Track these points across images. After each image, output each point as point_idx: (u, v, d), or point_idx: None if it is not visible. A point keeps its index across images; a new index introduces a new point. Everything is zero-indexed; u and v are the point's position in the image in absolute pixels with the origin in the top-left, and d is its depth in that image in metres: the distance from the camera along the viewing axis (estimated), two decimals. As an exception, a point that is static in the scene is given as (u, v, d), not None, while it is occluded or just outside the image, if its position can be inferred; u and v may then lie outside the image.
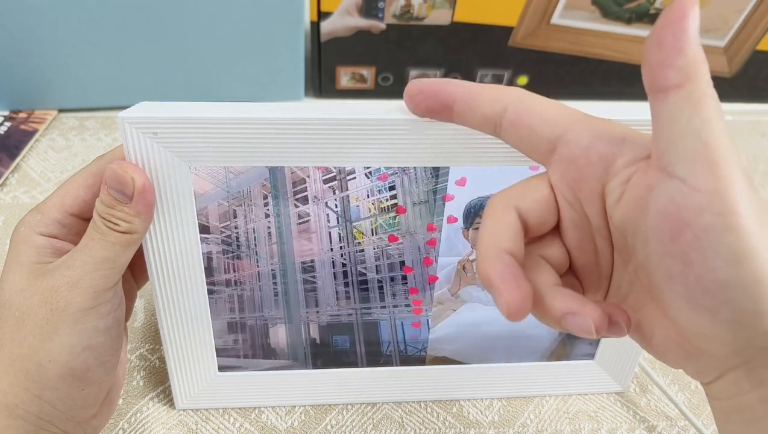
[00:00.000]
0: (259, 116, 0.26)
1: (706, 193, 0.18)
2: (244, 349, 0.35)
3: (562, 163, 0.21)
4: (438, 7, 0.56)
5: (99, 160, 0.29)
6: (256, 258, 0.32)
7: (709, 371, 0.21)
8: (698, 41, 0.18)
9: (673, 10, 0.18)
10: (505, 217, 0.21)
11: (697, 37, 0.18)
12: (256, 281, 0.33)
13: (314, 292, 0.33)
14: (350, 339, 0.35)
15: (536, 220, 0.22)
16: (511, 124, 0.22)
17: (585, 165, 0.21)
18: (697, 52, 0.18)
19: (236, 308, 0.33)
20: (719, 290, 0.18)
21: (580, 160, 0.21)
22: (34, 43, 0.53)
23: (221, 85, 0.59)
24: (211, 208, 0.30)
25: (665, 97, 0.19)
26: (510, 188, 0.23)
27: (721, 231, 0.18)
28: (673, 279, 0.19)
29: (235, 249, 0.31)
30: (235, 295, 0.33)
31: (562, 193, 0.22)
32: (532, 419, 0.38)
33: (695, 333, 0.20)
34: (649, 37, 0.19)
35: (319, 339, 0.35)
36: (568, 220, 0.22)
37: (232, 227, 0.31)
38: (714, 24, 0.59)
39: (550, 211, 0.22)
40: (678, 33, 0.18)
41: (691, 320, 0.19)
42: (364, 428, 0.37)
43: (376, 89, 0.63)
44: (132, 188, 0.26)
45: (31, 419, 0.26)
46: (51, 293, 0.26)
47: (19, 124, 0.57)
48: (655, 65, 0.19)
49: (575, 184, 0.21)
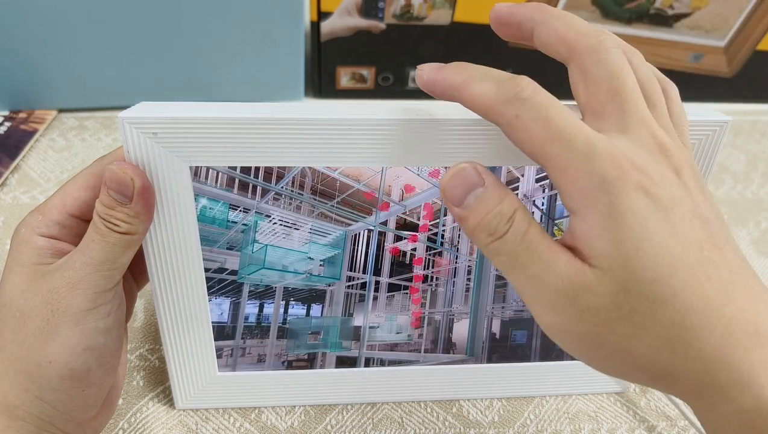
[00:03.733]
0: (259, 116, 0.26)
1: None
2: (425, 344, 0.36)
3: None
4: (438, 7, 0.56)
5: (99, 161, 0.29)
6: (456, 254, 0.33)
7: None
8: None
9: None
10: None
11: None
12: (452, 277, 0.34)
13: (504, 288, 0.35)
14: (528, 334, 0.36)
15: None
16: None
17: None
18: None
19: (427, 303, 0.34)
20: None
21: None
22: (34, 43, 0.53)
23: (221, 85, 0.59)
24: (424, 205, 0.31)
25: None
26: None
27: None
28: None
29: (438, 246, 0.33)
30: (429, 291, 0.34)
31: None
32: (532, 419, 0.38)
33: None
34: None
35: (498, 334, 0.36)
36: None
37: (440, 225, 0.32)
38: (714, 24, 0.59)
39: None
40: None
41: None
42: (364, 428, 0.37)
43: (376, 89, 0.63)
44: (132, 189, 0.26)
45: (32, 420, 0.26)
46: (51, 294, 0.26)
47: (19, 124, 0.57)
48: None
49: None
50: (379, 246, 0.32)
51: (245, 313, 0.34)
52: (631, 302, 0.21)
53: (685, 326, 0.20)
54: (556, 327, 0.22)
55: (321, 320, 0.35)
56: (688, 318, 0.20)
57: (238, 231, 0.31)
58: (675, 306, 0.20)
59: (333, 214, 0.31)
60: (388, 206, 0.31)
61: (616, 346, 0.21)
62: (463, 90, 0.23)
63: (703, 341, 0.20)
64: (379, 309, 0.35)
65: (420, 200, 0.31)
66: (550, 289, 0.21)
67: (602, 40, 0.23)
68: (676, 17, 0.58)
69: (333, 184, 0.30)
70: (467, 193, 0.23)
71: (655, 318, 0.21)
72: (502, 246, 0.22)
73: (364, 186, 0.30)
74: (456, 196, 0.23)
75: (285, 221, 0.31)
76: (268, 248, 0.32)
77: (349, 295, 0.34)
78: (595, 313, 0.21)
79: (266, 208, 0.31)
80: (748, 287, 0.21)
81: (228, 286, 0.33)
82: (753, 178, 0.59)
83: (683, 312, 0.20)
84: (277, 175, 0.29)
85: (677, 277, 0.20)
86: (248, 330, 0.35)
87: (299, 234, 0.32)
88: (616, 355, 0.22)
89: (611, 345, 0.21)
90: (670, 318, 0.20)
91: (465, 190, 0.23)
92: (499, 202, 0.22)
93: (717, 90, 0.65)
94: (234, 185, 0.30)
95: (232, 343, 0.35)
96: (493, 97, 0.22)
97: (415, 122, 0.27)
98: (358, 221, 0.32)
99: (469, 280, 0.34)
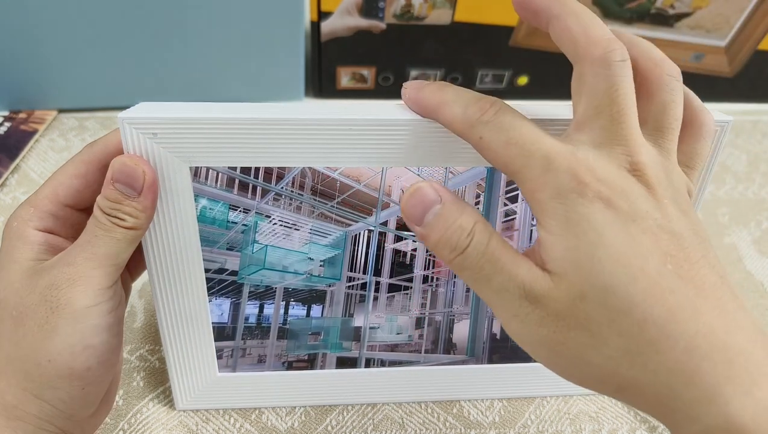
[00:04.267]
0: (259, 116, 0.26)
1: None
2: (426, 345, 0.36)
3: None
4: (438, 6, 0.56)
5: (89, 147, 0.28)
6: None
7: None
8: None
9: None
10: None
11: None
12: (452, 277, 0.34)
13: None
14: None
15: None
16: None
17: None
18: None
19: (427, 304, 0.34)
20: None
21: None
22: (34, 43, 0.53)
23: (221, 85, 0.59)
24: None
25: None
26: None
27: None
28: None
29: None
30: (429, 291, 0.34)
31: None
32: (533, 420, 0.38)
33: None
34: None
35: (499, 335, 0.36)
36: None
37: None
38: (715, 23, 0.59)
39: None
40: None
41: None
42: (365, 429, 0.36)
43: (376, 89, 0.63)
44: (142, 182, 0.26)
45: (30, 419, 0.26)
46: (50, 291, 0.25)
47: (19, 124, 0.57)
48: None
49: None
50: (380, 246, 0.32)
51: (245, 314, 0.34)
52: (587, 309, 0.21)
53: (644, 338, 0.20)
54: (520, 335, 0.22)
55: (321, 321, 0.35)
56: (647, 330, 0.20)
57: (238, 231, 0.31)
58: (634, 317, 0.20)
59: (333, 215, 0.31)
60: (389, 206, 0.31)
61: (576, 355, 0.21)
62: (437, 112, 0.25)
63: (664, 354, 0.20)
64: (380, 309, 0.35)
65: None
66: (513, 298, 0.22)
67: (609, 51, 0.22)
68: (677, 17, 0.58)
69: (333, 184, 0.30)
70: (425, 212, 0.23)
71: (613, 328, 0.20)
72: (465, 261, 0.22)
73: (365, 186, 0.30)
74: (415, 214, 0.23)
75: (285, 221, 0.31)
76: (268, 249, 0.32)
77: (350, 296, 0.34)
78: (554, 320, 0.21)
79: (266, 208, 0.31)
80: (719, 303, 0.21)
81: (228, 287, 0.33)
82: (754, 178, 0.59)
83: (642, 323, 0.20)
84: (277, 175, 0.29)
85: (636, 287, 0.20)
86: (248, 330, 0.35)
87: (299, 234, 0.32)
88: (577, 364, 0.22)
89: (571, 353, 0.21)
90: (628, 329, 0.20)
91: (423, 208, 0.23)
92: (458, 216, 0.23)
93: (718, 90, 0.65)
94: (234, 185, 0.29)
95: (233, 344, 0.35)
96: (460, 121, 0.23)
97: (415, 122, 0.27)
98: (358, 221, 0.32)
99: None
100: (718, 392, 0.19)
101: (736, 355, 0.20)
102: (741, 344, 0.20)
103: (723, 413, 0.19)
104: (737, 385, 0.19)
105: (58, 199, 0.27)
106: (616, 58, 0.22)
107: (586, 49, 0.23)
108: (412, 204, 0.23)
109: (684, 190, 0.23)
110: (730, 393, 0.19)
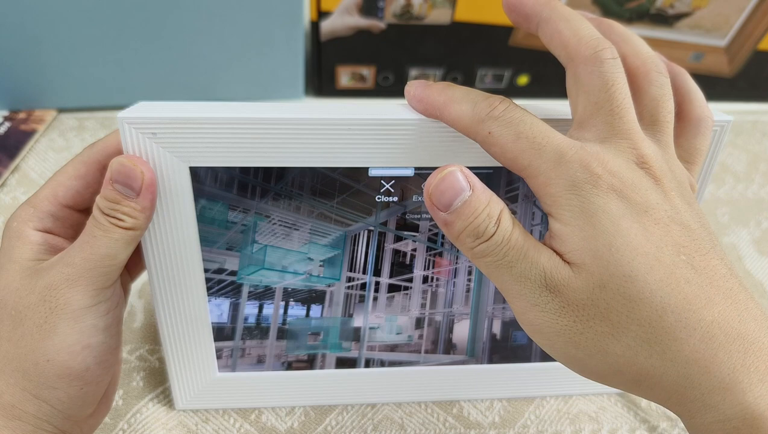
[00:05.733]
0: (259, 116, 0.26)
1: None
2: (426, 345, 0.36)
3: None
4: (438, 6, 0.56)
5: (89, 148, 0.28)
6: (456, 254, 0.33)
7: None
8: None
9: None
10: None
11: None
12: (452, 277, 0.34)
13: None
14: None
15: None
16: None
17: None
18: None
19: (427, 304, 0.34)
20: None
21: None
22: (34, 43, 0.53)
23: (221, 85, 0.59)
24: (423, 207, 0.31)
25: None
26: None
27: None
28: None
29: (438, 246, 0.32)
30: (429, 292, 0.34)
31: None
32: (532, 420, 0.38)
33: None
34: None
35: (499, 335, 0.36)
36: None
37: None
38: (715, 23, 0.59)
39: None
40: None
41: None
42: (364, 429, 0.36)
43: (376, 89, 0.63)
44: (141, 182, 0.26)
45: (29, 419, 0.26)
46: (49, 291, 0.25)
47: (19, 124, 0.57)
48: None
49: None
50: (379, 246, 0.32)
51: (245, 314, 0.34)
52: (607, 298, 0.21)
53: (662, 326, 0.20)
54: (539, 325, 0.22)
55: (321, 321, 0.35)
56: (665, 318, 0.20)
57: (238, 231, 0.31)
58: (652, 305, 0.20)
59: (333, 215, 0.31)
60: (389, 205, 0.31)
61: (594, 345, 0.21)
62: (444, 110, 0.25)
63: (682, 342, 0.20)
64: (379, 309, 0.35)
65: (421, 200, 0.31)
66: (534, 285, 0.22)
67: (600, 50, 0.23)
68: (677, 17, 0.58)
69: (333, 184, 0.30)
70: (455, 199, 0.23)
71: (632, 316, 0.21)
72: (488, 248, 0.22)
73: (365, 186, 0.30)
74: (443, 201, 0.23)
75: (284, 221, 0.31)
76: (268, 248, 0.32)
77: (349, 296, 0.34)
78: (575, 309, 0.21)
79: (266, 208, 0.31)
80: (731, 293, 0.21)
81: (227, 287, 0.33)
82: (754, 177, 0.59)
83: (660, 312, 0.20)
84: (277, 175, 0.29)
85: (653, 276, 0.20)
86: (248, 330, 0.34)
87: (299, 234, 0.32)
88: (595, 355, 0.22)
89: (589, 344, 0.21)
90: (647, 317, 0.20)
91: (453, 195, 0.23)
92: (486, 204, 0.22)
93: (718, 89, 0.65)
94: (234, 185, 0.29)
95: (232, 344, 0.35)
96: (468, 117, 0.23)
97: (417, 122, 0.27)
98: (357, 221, 0.32)
99: (469, 281, 0.34)
100: (736, 380, 0.20)
101: (751, 344, 0.20)
102: (754, 333, 0.20)
103: (740, 401, 0.20)
104: (753, 374, 0.20)
105: (58, 200, 0.27)
106: (607, 56, 0.23)
107: (577, 49, 0.23)
108: (441, 189, 0.23)
109: (686, 184, 0.23)
110: (746, 382, 0.20)
